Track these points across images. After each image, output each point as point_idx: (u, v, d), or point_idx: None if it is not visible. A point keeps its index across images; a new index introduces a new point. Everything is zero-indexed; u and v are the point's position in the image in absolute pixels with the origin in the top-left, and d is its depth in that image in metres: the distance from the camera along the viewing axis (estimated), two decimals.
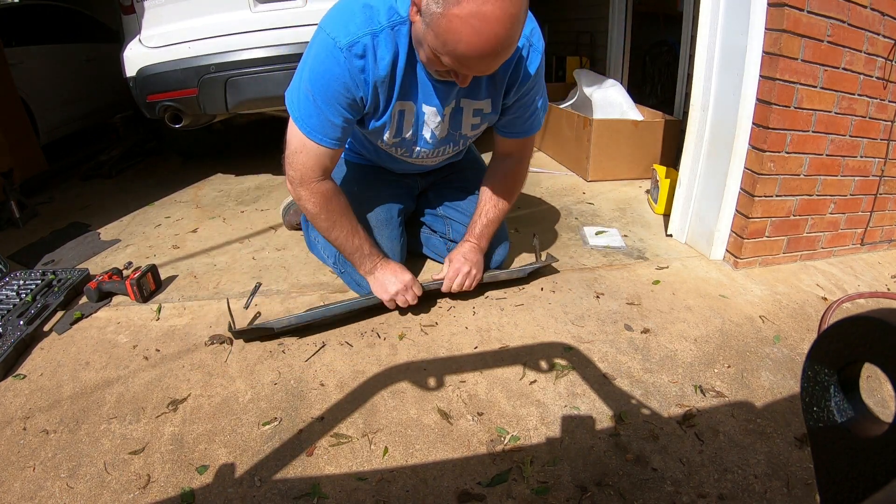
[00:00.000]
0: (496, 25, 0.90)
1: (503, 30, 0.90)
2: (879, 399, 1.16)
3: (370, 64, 1.10)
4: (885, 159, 1.71)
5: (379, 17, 1.07)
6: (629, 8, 3.54)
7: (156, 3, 2.22)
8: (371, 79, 1.12)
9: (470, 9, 0.88)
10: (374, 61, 1.10)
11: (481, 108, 1.28)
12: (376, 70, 1.11)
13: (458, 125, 1.32)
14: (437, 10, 0.91)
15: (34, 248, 2.02)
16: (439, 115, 1.25)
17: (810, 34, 1.43)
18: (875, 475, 0.28)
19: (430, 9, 0.93)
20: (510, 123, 1.35)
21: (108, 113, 4.27)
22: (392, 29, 1.08)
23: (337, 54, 1.08)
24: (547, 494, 0.93)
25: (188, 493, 0.95)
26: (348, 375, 1.23)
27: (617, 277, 1.63)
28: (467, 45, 0.92)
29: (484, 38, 0.91)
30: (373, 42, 1.08)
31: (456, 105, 1.26)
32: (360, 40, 1.07)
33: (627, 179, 2.58)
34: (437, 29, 0.93)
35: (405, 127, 1.27)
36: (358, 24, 1.06)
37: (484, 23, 0.89)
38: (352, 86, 1.12)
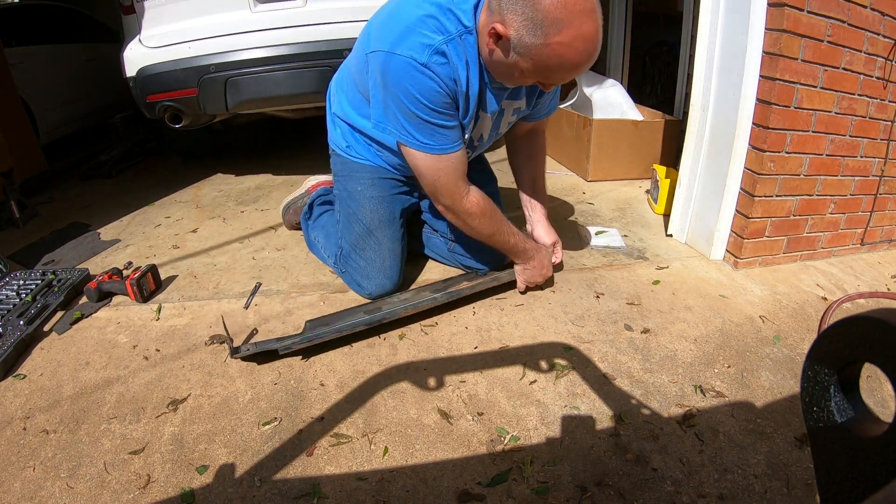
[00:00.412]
0: (595, 39, 0.98)
1: (599, 40, 0.99)
2: (879, 399, 1.16)
3: (452, 70, 1.11)
4: (885, 159, 1.71)
5: (446, 26, 1.07)
6: (629, 8, 3.54)
7: (156, 3, 2.22)
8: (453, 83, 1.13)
9: (572, 34, 0.94)
10: (455, 67, 1.11)
11: (519, 106, 1.32)
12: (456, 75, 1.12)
13: (498, 125, 1.36)
14: (535, 41, 0.96)
15: (34, 248, 2.02)
16: (491, 120, 1.29)
17: (810, 34, 1.43)
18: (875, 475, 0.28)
19: (524, 41, 0.97)
20: (536, 113, 1.40)
21: (108, 113, 4.27)
22: (460, 38, 1.09)
23: (423, 70, 1.07)
24: (547, 494, 0.93)
25: (188, 493, 0.95)
26: (348, 375, 1.23)
27: (617, 277, 1.63)
28: (574, 65, 0.99)
29: (588, 55, 0.99)
30: (449, 49, 1.09)
31: (499, 108, 1.28)
32: (437, 47, 1.07)
33: (627, 179, 2.58)
34: (538, 58, 0.98)
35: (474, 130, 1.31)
36: (429, 36, 1.06)
37: (586, 42, 0.97)
38: (448, 92, 1.13)
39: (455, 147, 1.19)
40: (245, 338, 1.38)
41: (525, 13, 0.95)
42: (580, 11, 0.93)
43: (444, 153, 1.18)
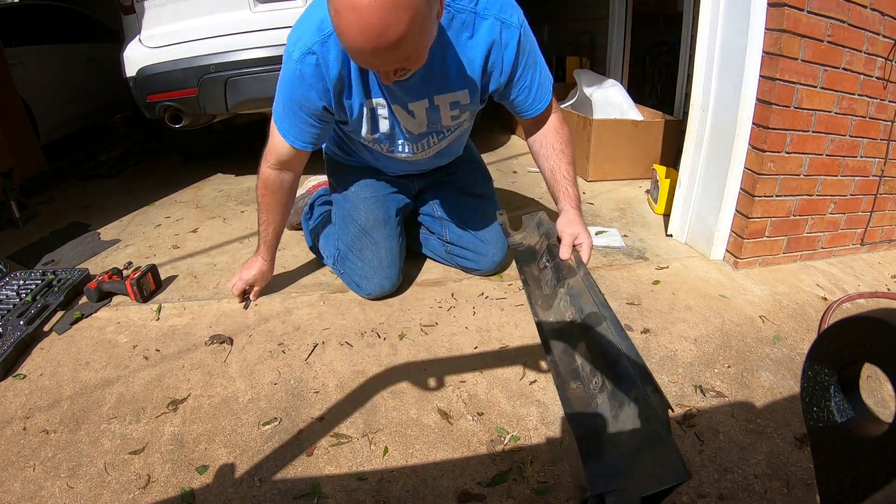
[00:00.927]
0: (370, 15, 0.82)
1: (377, 19, 0.83)
2: (879, 399, 1.16)
3: (323, 72, 1.12)
4: (885, 159, 1.71)
5: (327, 26, 1.06)
6: (629, 8, 3.54)
7: (156, 3, 2.22)
8: (330, 83, 1.14)
9: (342, 3, 0.83)
10: (327, 69, 1.12)
11: (458, 100, 1.24)
12: (329, 76, 1.12)
13: (437, 120, 1.30)
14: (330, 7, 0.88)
15: (34, 248, 2.02)
16: (406, 111, 1.24)
17: (810, 34, 1.43)
18: (875, 475, 0.28)
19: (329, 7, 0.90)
20: (518, 104, 1.30)
21: (108, 113, 4.27)
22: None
23: (293, 67, 1.12)
24: (547, 494, 0.93)
25: (188, 493, 0.95)
26: (348, 375, 1.23)
27: (617, 277, 1.63)
28: (349, 40, 0.87)
29: (360, 31, 0.84)
30: (322, 50, 1.09)
31: (430, 104, 1.24)
32: (311, 49, 1.09)
33: (627, 179, 2.58)
34: (336, 31, 0.89)
35: (380, 123, 1.28)
36: (310, 35, 1.09)
37: (357, 15, 0.83)
38: (312, 95, 1.16)
39: (295, 143, 1.27)
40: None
41: None
42: None
43: (279, 131, 1.27)
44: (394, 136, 1.33)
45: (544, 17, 4.50)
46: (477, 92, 1.24)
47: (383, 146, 1.37)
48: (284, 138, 1.26)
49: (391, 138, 1.33)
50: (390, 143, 1.35)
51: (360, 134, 1.30)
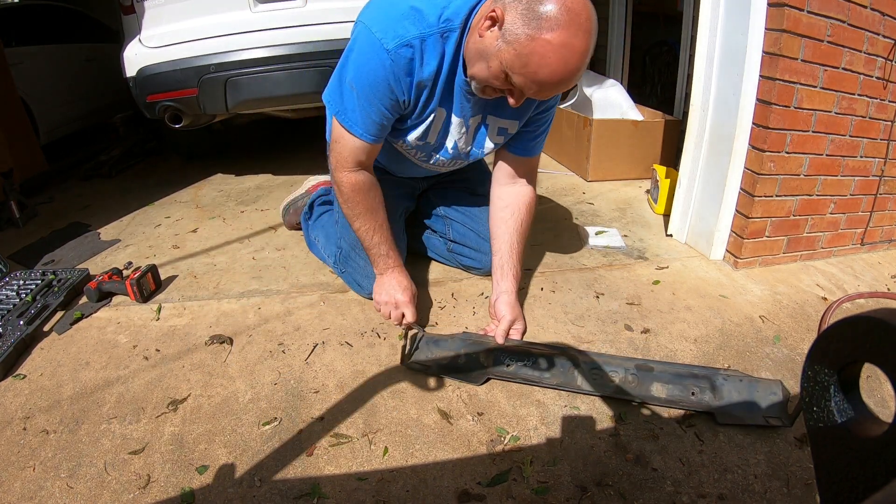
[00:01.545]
0: (580, 58, 0.96)
1: (582, 63, 0.97)
2: (879, 399, 1.16)
3: (417, 67, 1.10)
4: (885, 159, 1.71)
5: (429, 21, 1.07)
6: (629, 8, 3.54)
7: (156, 3, 2.22)
8: (415, 81, 1.13)
9: (563, 39, 0.93)
10: (421, 65, 1.10)
11: (506, 127, 1.29)
12: (421, 73, 1.12)
13: (482, 142, 1.32)
14: (526, 31, 0.94)
15: (34, 248, 2.02)
16: (465, 125, 1.26)
17: (810, 34, 1.43)
18: (875, 475, 0.28)
19: (516, 28, 0.95)
20: (518, 137, 1.34)
21: (108, 113, 4.27)
22: (442, 35, 1.08)
23: (383, 56, 1.07)
24: (547, 494, 0.93)
25: (188, 493, 0.95)
26: (348, 375, 1.23)
27: (617, 277, 1.63)
28: (551, 72, 0.96)
29: (567, 69, 0.96)
30: (421, 46, 1.08)
31: (482, 120, 1.26)
32: (410, 42, 1.07)
33: (627, 179, 2.58)
34: (522, 49, 0.95)
35: (431, 133, 1.27)
36: (406, 27, 1.06)
37: (572, 54, 0.94)
38: (396, 88, 1.12)
39: (361, 133, 1.19)
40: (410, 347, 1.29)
41: (529, 4, 0.94)
42: (580, 25, 0.93)
43: (349, 130, 1.19)
44: (436, 148, 1.33)
45: None
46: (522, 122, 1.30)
47: (418, 154, 1.36)
48: (353, 132, 1.19)
49: (432, 149, 1.33)
50: (427, 152, 1.34)
51: (409, 137, 1.27)
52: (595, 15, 0.96)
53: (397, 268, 1.37)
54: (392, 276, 1.36)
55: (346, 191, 1.27)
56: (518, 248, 1.38)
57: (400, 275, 1.37)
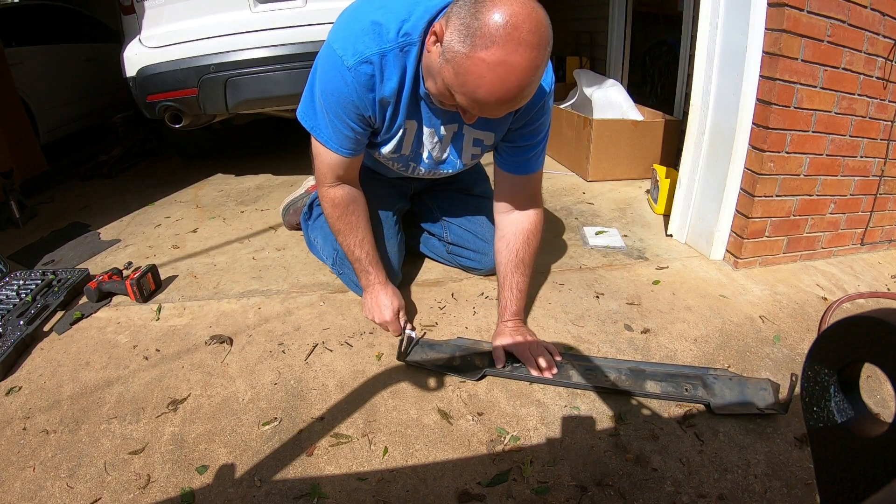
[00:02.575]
0: (521, 76, 0.89)
1: (525, 81, 0.90)
2: (879, 399, 1.16)
3: (377, 84, 1.09)
4: (885, 159, 1.71)
5: (388, 36, 1.05)
6: (629, 8, 3.54)
7: (156, 3, 2.22)
8: (377, 97, 1.12)
9: (498, 57, 0.86)
10: (381, 82, 1.09)
11: (482, 138, 1.26)
12: (382, 90, 1.10)
13: (458, 152, 1.31)
14: (461, 49, 0.89)
15: (34, 248, 2.02)
16: (437, 136, 1.24)
17: (810, 34, 1.43)
18: (875, 475, 0.28)
19: (453, 46, 0.91)
20: (507, 151, 1.29)
21: (108, 113, 4.27)
22: (401, 50, 1.06)
23: (345, 74, 1.07)
24: (547, 494, 0.93)
25: (188, 493, 0.95)
26: (348, 375, 1.23)
27: (617, 277, 1.63)
28: (488, 92, 0.91)
29: (506, 88, 0.90)
30: (381, 62, 1.06)
31: (458, 130, 1.25)
32: (370, 59, 1.05)
33: (627, 179, 2.58)
34: (458, 68, 0.91)
35: (405, 145, 1.26)
36: (366, 43, 1.05)
37: (509, 72, 0.88)
38: (360, 105, 1.12)
39: (336, 148, 1.19)
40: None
41: (465, 19, 0.88)
42: (518, 40, 0.85)
43: (325, 145, 1.20)
44: (412, 158, 1.31)
45: None
46: (500, 138, 1.27)
47: (397, 165, 1.35)
48: (329, 147, 1.19)
49: (406, 160, 1.32)
50: (404, 163, 1.34)
51: (383, 150, 1.27)
52: (545, 24, 0.88)
53: (379, 284, 1.37)
54: (374, 294, 1.37)
55: (327, 207, 1.29)
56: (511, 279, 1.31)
57: (381, 292, 1.37)
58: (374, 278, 1.37)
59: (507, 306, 1.30)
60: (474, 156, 1.32)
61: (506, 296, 1.31)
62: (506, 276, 1.32)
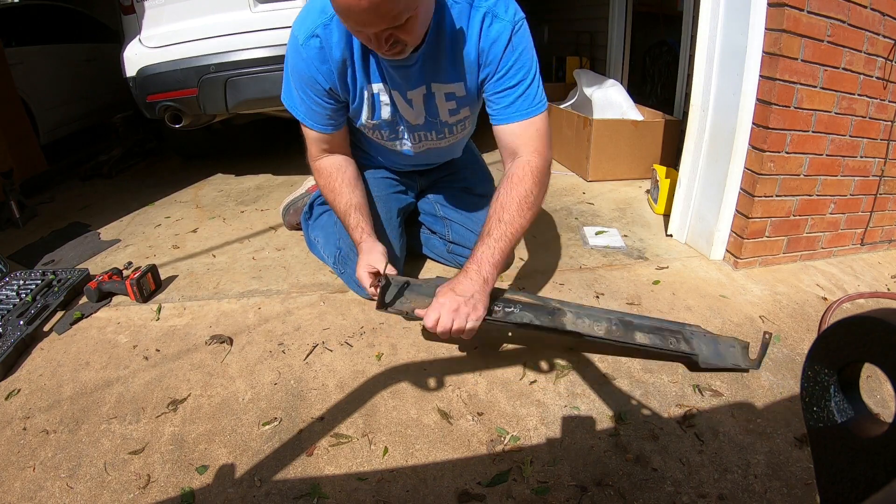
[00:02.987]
0: None
1: None
2: (879, 399, 1.16)
3: (327, 53, 1.14)
4: (885, 159, 1.71)
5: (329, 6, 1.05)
6: (629, 8, 3.54)
7: (156, 3, 2.22)
8: (334, 66, 1.16)
9: None
10: (330, 49, 1.14)
11: (453, 91, 1.24)
12: (333, 58, 1.15)
13: (435, 111, 1.30)
14: None
15: (34, 248, 2.02)
16: (403, 98, 1.26)
17: (810, 34, 1.43)
18: (875, 475, 0.28)
19: None
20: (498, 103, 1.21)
21: (108, 113, 4.27)
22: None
23: (299, 50, 1.14)
24: (547, 494, 0.93)
25: (188, 493, 0.95)
26: (348, 375, 1.23)
27: (617, 277, 1.63)
28: (345, 2, 0.90)
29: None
30: (325, 31, 1.12)
31: (427, 91, 1.25)
32: (315, 32, 1.11)
33: (627, 179, 2.58)
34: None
35: (382, 109, 1.29)
36: (313, 19, 1.11)
37: None
38: (319, 78, 1.18)
39: (311, 125, 1.28)
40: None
41: None
42: None
43: (303, 123, 1.29)
44: (394, 123, 1.34)
45: (544, 16, 4.50)
46: (474, 85, 1.24)
47: (384, 134, 1.38)
48: (306, 124, 1.29)
49: (392, 125, 1.34)
50: (391, 130, 1.36)
51: (361, 120, 1.31)
52: None
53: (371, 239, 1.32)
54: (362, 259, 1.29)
55: (317, 178, 1.38)
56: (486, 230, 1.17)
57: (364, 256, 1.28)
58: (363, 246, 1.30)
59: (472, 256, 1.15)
60: (452, 111, 1.28)
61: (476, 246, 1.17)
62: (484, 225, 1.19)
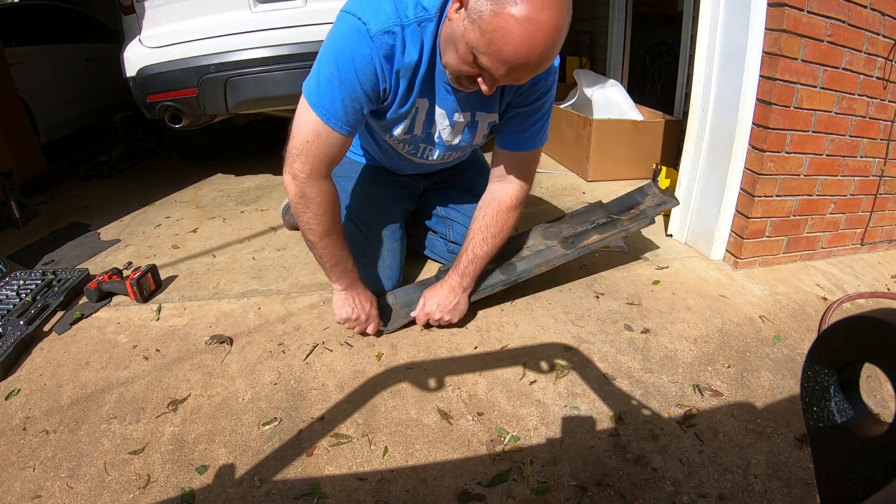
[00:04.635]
0: (547, 35, 0.90)
1: (552, 41, 0.91)
2: (879, 399, 1.16)
3: (398, 54, 1.09)
4: (885, 159, 1.71)
5: (407, 12, 1.06)
6: (629, 8, 3.54)
7: (156, 3, 2.22)
8: (395, 69, 1.11)
9: (527, 13, 0.87)
10: (402, 53, 1.09)
11: (494, 119, 1.28)
12: (402, 61, 1.10)
13: (471, 138, 1.32)
14: (490, 6, 0.90)
15: (34, 248, 2.02)
16: (448, 119, 1.24)
17: (810, 34, 1.43)
18: (875, 475, 0.28)
19: (479, 7, 0.91)
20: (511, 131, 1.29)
21: (108, 113, 4.27)
22: (419, 25, 1.07)
23: (366, 40, 1.06)
24: (547, 494, 0.93)
25: (188, 493, 0.95)
26: (348, 375, 1.23)
27: (617, 277, 1.63)
28: (515, 49, 0.91)
29: (533, 45, 0.90)
30: (402, 33, 1.07)
31: (472, 119, 1.25)
32: (392, 29, 1.06)
33: (627, 179, 2.58)
34: (485, 26, 0.91)
35: (417, 125, 1.26)
36: (388, 14, 1.06)
37: (538, 29, 0.89)
38: (379, 71, 1.10)
39: (341, 128, 1.11)
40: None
41: None
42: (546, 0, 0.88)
43: (329, 125, 1.11)
44: (422, 141, 1.32)
45: None
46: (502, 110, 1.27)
47: (407, 147, 1.35)
48: (337, 128, 1.10)
49: (417, 142, 1.32)
50: (415, 146, 1.34)
51: (394, 131, 1.26)
52: None
53: (359, 281, 1.33)
54: (357, 291, 1.32)
55: (324, 201, 1.17)
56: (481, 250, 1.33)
57: (361, 287, 1.33)
58: (356, 275, 1.31)
59: (455, 267, 1.35)
60: (486, 136, 1.34)
61: (459, 257, 1.35)
62: (468, 239, 1.35)
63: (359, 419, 1.10)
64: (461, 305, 1.35)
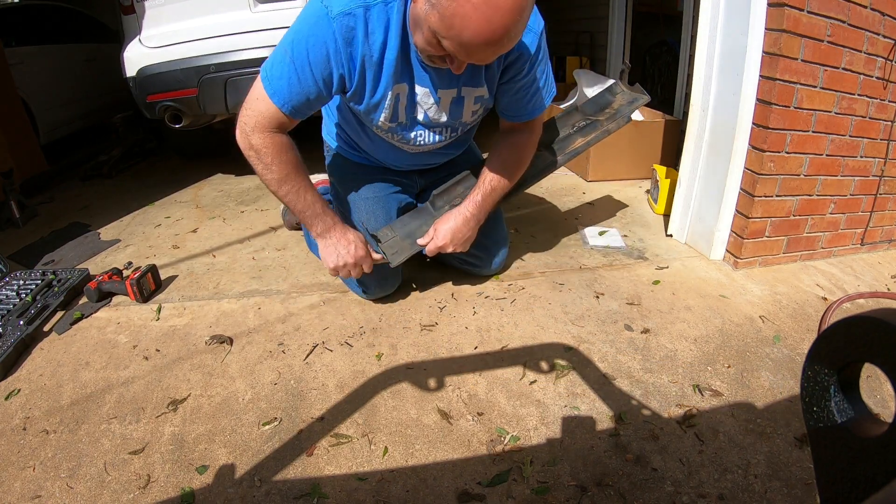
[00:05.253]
0: (506, 15, 0.89)
1: (511, 20, 0.90)
2: (879, 399, 1.16)
3: (360, 38, 1.08)
4: (885, 159, 1.71)
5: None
6: (629, 8, 3.54)
7: (156, 3, 2.22)
8: (359, 54, 1.10)
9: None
10: (365, 36, 1.08)
11: (482, 94, 1.26)
12: (367, 46, 1.09)
13: (460, 113, 1.29)
14: None
15: (34, 248, 2.02)
16: (432, 97, 1.22)
17: (810, 34, 1.43)
18: (875, 475, 0.28)
19: None
20: (511, 106, 1.30)
21: (108, 113, 4.27)
22: (385, 4, 1.06)
23: (325, 21, 1.05)
24: (547, 494, 0.93)
25: (188, 493, 0.95)
26: (348, 375, 1.23)
27: (617, 277, 1.63)
28: (474, 33, 0.90)
29: (492, 27, 0.90)
30: (365, 15, 1.06)
31: (458, 94, 1.24)
32: (353, 11, 1.05)
33: (627, 179, 2.58)
34: (444, 11, 0.91)
35: (400, 112, 1.24)
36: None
37: (494, 11, 0.88)
38: (335, 58, 1.09)
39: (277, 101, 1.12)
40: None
41: None
42: None
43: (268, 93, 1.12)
44: (410, 126, 1.30)
45: (544, 17, 4.49)
46: (493, 87, 1.25)
47: (395, 136, 1.34)
48: (275, 102, 1.12)
49: (406, 128, 1.30)
50: (404, 132, 1.31)
51: (376, 119, 1.25)
52: None
53: (338, 223, 1.29)
54: (337, 234, 1.28)
55: (270, 152, 1.19)
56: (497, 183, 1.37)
57: (343, 229, 1.29)
58: (331, 218, 1.27)
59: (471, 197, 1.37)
60: (474, 112, 1.32)
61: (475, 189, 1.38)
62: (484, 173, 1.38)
63: (359, 419, 1.10)
64: (474, 237, 1.37)
